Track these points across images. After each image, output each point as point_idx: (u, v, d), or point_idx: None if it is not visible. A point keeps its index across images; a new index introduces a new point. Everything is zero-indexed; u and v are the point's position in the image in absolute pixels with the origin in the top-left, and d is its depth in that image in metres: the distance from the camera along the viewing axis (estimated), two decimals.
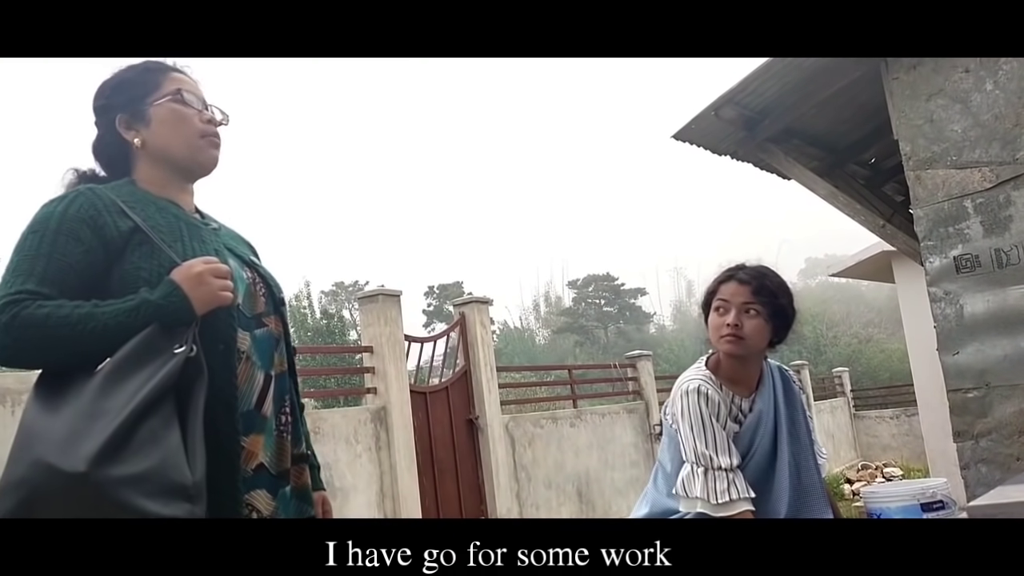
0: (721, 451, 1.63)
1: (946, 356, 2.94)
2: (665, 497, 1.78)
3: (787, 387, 1.83)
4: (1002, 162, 2.90)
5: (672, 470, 1.75)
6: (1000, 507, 0.66)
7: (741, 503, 1.60)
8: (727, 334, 1.71)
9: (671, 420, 1.77)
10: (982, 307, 2.91)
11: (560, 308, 35.12)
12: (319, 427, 5.00)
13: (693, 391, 1.69)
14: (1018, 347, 2.83)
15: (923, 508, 1.71)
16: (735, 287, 1.74)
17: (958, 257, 2.99)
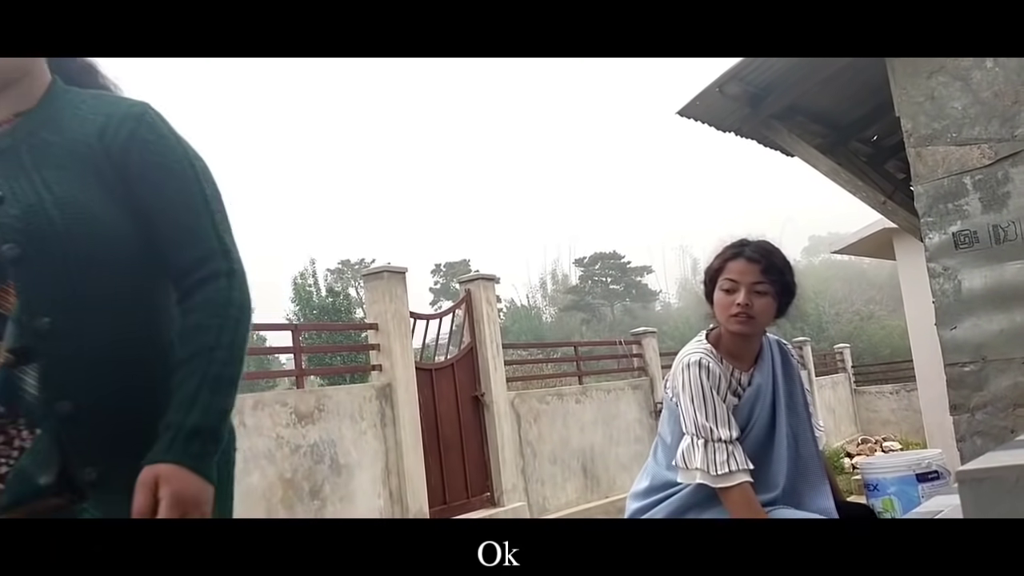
0: (721, 423, 1.67)
1: (944, 331, 2.98)
2: (665, 470, 1.82)
3: (786, 361, 1.86)
4: (1001, 139, 2.93)
5: (672, 443, 1.79)
6: (990, 471, 0.72)
7: (740, 474, 1.64)
8: (738, 314, 1.71)
9: (672, 394, 1.81)
10: (980, 282, 2.95)
11: (567, 286, 35.18)
12: (323, 404, 5.09)
13: (694, 364, 1.73)
14: (1014, 322, 2.88)
15: (919, 478, 1.77)
16: (744, 265, 1.74)
17: (957, 233, 3.02)
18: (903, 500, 1.68)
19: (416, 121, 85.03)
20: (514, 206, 73.34)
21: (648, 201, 73.48)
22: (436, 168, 78.95)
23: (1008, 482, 0.71)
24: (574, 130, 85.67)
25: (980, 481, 0.73)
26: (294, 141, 77.48)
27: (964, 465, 0.70)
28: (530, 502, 6.70)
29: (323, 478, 5.00)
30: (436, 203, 74.91)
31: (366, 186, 75.67)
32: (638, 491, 1.88)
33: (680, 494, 1.76)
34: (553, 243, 66.19)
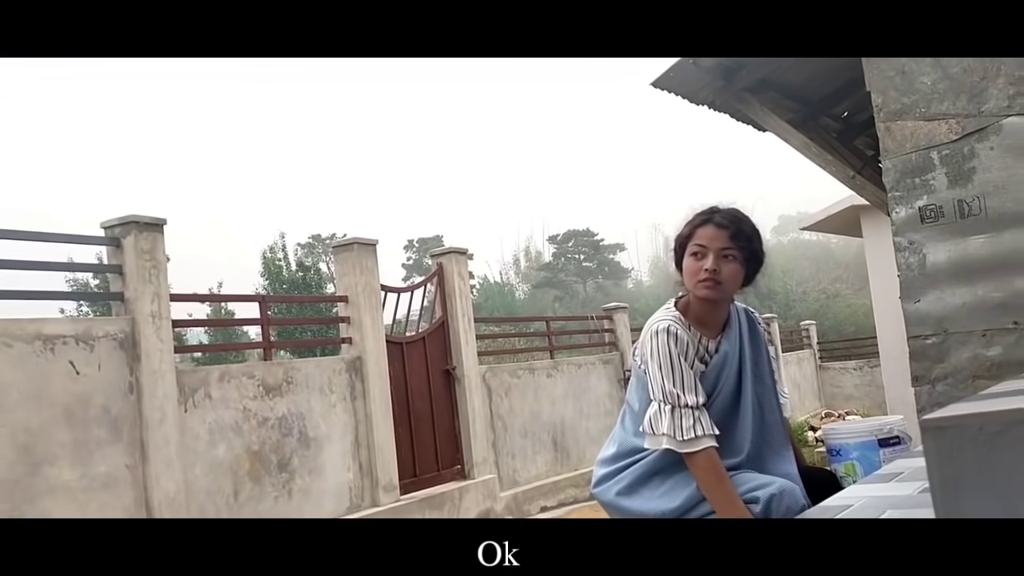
0: (688, 390, 1.68)
1: (908, 304, 3.02)
2: (632, 436, 1.83)
3: (752, 329, 1.87)
4: (968, 114, 2.95)
5: (640, 410, 1.79)
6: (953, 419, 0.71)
7: (705, 439, 1.65)
8: (706, 279, 1.71)
9: (640, 361, 1.81)
10: (944, 256, 2.98)
11: (540, 263, 35.24)
12: (292, 377, 5.04)
13: (663, 331, 1.73)
14: (976, 295, 2.93)
15: (880, 443, 1.80)
16: (713, 231, 1.74)
17: (923, 207, 3.06)
18: (865, 465, 1.71)
19: (391, 97, 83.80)
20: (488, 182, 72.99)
21: (621, 179, 73.62)
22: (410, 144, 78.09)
23: (971, 430, 0.71)
24: (548, 106, 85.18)
25: (943, 430, 0.72)
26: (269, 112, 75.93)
27: (927, 415, 0.69)
28: (500, 475, 6.74)
29: (291, 451, 4.97)
30: (409, 178, 74.20)
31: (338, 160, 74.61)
32: (605, 457, 1.89)
33: (646, 460, 1.77)
34: (527, 220, 66.17)
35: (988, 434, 0.70)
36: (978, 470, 0.70)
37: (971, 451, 0.71)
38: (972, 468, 0.70)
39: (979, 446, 0.70)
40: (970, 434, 0.71)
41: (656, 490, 1.74)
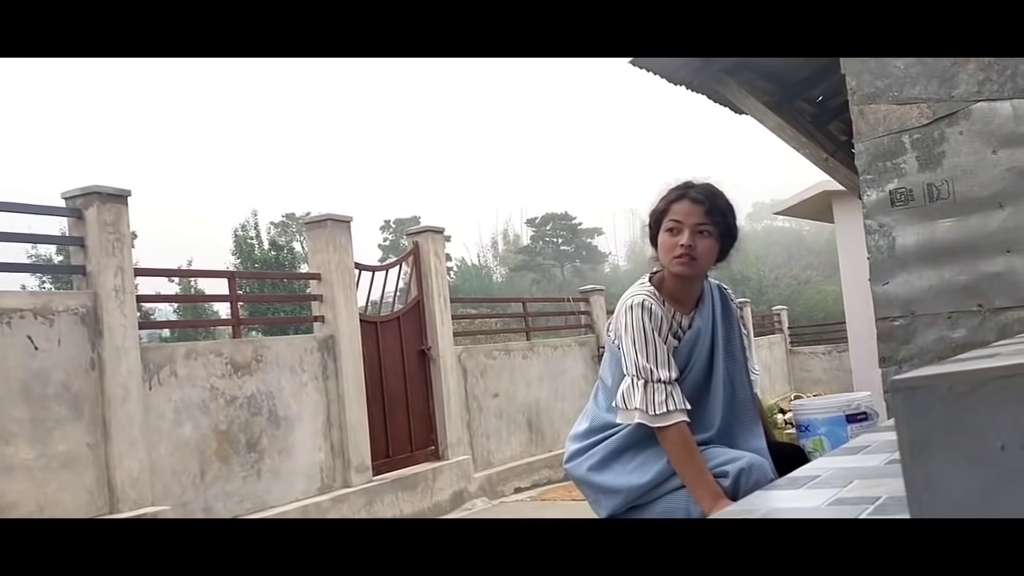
0: (661, 365, 1.68)
1: (876, 286, 3.06)
2: (604, 412, 1.82)
3: (725, 305, 1.87)
4: (939, 99, 2.97)
5: (613, 385, 1.79)
6: (923, 379, 0.71)
7: (677, 414, 1.65)
8: (681, 255, 1.71)
9: (614, 336, 1.80)
10: (912, 239, 3.01)
11: (518, 246, 35.21)
12: (261, 355, 4.96)
13: (637, 306, 1.72)
14: (942, 278, 2.96)
15: (848, 419, 1.82)
16: (688, 207, 1.73)
17: (893, 191, 3.08)
18: (832, 440, 1.73)
19: (370, 77, 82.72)
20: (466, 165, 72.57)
21: (600, 164, 73.73)
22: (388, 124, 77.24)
23: (941, 390, 0.70)
24: (527, 88, 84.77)
25: (913, 390, 0.71)
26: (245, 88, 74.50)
27: (898, 376, 0.68)
28: (475, 455, 6.75)
29: (261, 430, 4.91)
30: (387, 159, 73.49)
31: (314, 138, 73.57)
32: (577, 433, 1.88)
33: (618, 435, 1.77)
34: (505, 203, 65.95)
35: (957, 394, 0.69)
36: (947, 430, 0.69)
37: (940, 411, 0.70)
38: (941, 428, 0.70)
39: (948, 406, 0.69)
40: (940, 394, 0.70)
41: (627, 465, 1.74)
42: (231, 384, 4.76)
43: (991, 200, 2.63)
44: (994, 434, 0.65)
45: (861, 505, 0.96)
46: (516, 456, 7.25)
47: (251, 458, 4.82)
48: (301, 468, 5.14)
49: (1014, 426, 0.65)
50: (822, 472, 1.21)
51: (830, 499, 1.02)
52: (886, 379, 3.02)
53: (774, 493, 1.16)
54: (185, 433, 4.48)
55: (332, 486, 5.34)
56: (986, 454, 0.65)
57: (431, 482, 6.05)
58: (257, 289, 8.38)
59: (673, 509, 1.67)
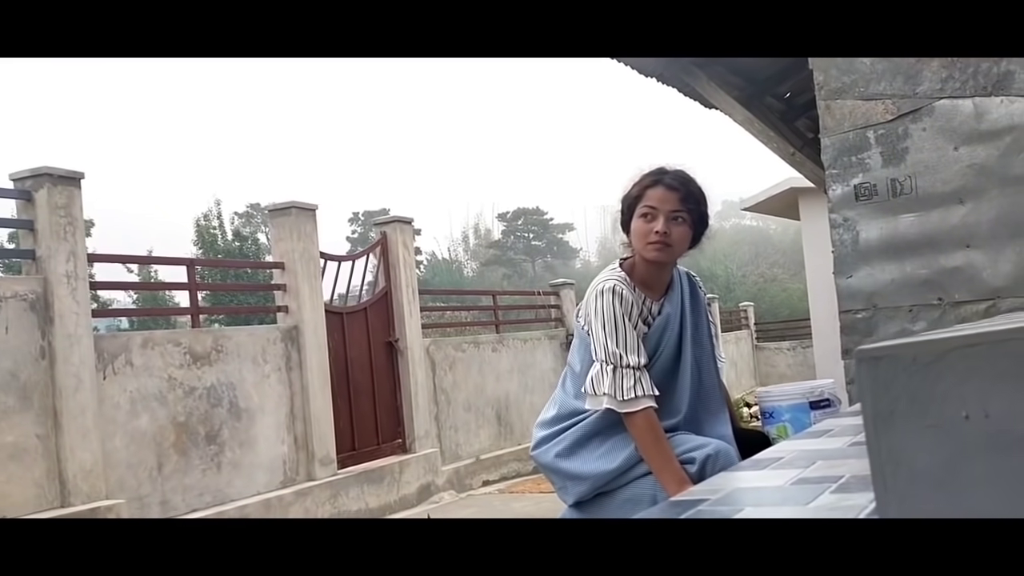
0: (631, 350, 1.67)
1: (840, 279, 3.09)
2: (572, 399, 1.81)
3: (694, 293, 1.88)
4: (904, 95, 3.00)
5: (581, 371, 1.78)
6: (887, 349, 0.69)
7: (645, 400, 1.65)
8: (656, 241, 1.70)
9: (583, 322, 1.79)
10: (876, 233, 3.05)
11: (489, 240, 35.14)
12: (222, 345, 4.85)
13: (608, 291, 1.70)
14: (904, 271, 3.00)
15: (811, 406, 1.83)
16: (663, 193, 1.72)
17: (858, 185, 3.11)
18: (796, 426, 1.74)
19: (341, 67, 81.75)
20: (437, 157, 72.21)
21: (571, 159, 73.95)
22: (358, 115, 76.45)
23: (905, 360, 0.67)
24: (500, 82, 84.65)
25: (878, 360, 0.69)
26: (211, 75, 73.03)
27: (862, 346, 0.66)
28: (443, 448, 6.70)
29: (221, 422, 4.80)
30: (357, 150, 72.78)
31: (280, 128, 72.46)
32: (545, 420, 1.87)
33: (586, 421, 1.76)
34: (476, 197, 65.89)
35: (921, 364, 0.68)
36: (911, 400, 0.68)
37: (905, 381, 0.68)
38: (905, 398, 0.68)
39: (913, 376, 0.68)
40: (904, 364, 0.68)
41: (595, 451, 1.72)
42: (190, 375, 4.64)
43: (952, 196, 2.66)
44: (958, 404, 0.63)
45: (824, 484, 0.95)
46: (485, 449, 7.22)
47: (211, 451, 4.71)
48: (263, 461, 5.04)
49: (978, 395, 0.63)
50: (785, 454, 1.20)
51: (793, 479, 1.01)
52: (848, 371, 3.06)
53: (738, 474, 1.15)
54: (141, 425, 4.35)
55: (296, 479, 5.25)
56: (950, 424, 0.64)
57: (398, 475, 5.99)
58: (219, 278, 8.22)
59: (639, 495, 1.66)
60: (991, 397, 0.63)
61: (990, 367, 0.62)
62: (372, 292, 6.43)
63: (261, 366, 5.10)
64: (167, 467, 4.45)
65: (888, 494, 0.65)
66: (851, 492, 0.91)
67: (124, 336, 4.53)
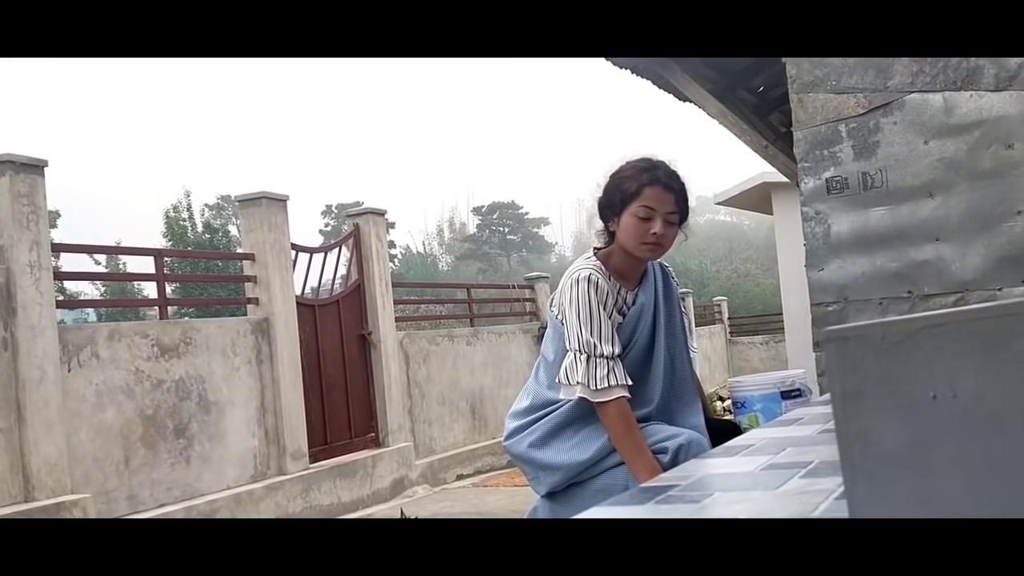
0: (605, 340, 1.66)
1: (812, 272, 3.11)
2: (545, 389, 1.80)
3: (667, 283, 1.88)
4: (875, 89, 3.03)
5: (555, 360, 1.77)
6: (855, 329, 0.68)
7: (618, 389, 1.64)
8: (652, 243, 1.70)
9: (557, 311, 1.77)
10: (847, 227, 3.07)
11: (464, 234, 35.04)
12: (190, 337, 4.76)
13: (583, 280, 1.69)
14: (874, 264, 3.03)
15: (783, 396, 1.84)
16: (661, 194, 1.71)
17: (830, 179, 3.13)
18: (767, 416, 1.75)
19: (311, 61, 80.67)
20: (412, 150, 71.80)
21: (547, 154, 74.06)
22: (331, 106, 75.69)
23: (874, 339, 0.66)
24: (475, 75, 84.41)
25: (846, 340, 0.68)
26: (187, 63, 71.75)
27: (830, 327, 0.65)
28: (416, 442, 6.66)
29: (190, 415, 4.72)
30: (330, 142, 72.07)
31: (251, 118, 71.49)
32: (518, 410, 1.86)
33: (559, 411, 1.75)
34: (451, 190, 65.61)
35: (890, 343, 0.67)
36: (879, 380, 0.67)
37: (873, 360, 0.67)
38: (873, 378, 0.67)
39: (881, 355, 0.67)
40: (872, 343, 0.68)
41: (568, 441, 1.72)
42: (158, 367, 4.55)
43: (922, 189, 2.69)
44: (926, 383, 0.63)
45: (793, 469, 0.95)
46: (459, 443, 7.20)
47: (179, 444, 4.63)
48: (233, 455, 4.97)
49: (946, 375, 0.63)
50: (756, 442, 1.20)
51: (763, 464, 1.00)
52: (819, 363, 3.08)
53: (708, 460, 1.14)
54: (108, 418, 4.26)
55: (266, 473, 5.18)
56: (918, 404, 0.63)
57: (371, 469, 5.94)
58: (189, 270, 8.08)
59: (612, 485, 1.65)
60: (959, 377, 0.62)
61: (958, 346, 0.62)
62: (345, 285, 6.36)
63: (231, 359, 5.03)
64: (134, 461, 4.36)
65: (856, 475, 0.64)
66: (820, 477, 0.90)
67: (90, 328, 4.43)
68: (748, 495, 0.87)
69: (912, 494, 0.62)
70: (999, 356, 0.60)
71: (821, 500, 0.79)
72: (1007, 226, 2.38)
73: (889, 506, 0.63)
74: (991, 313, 0.62)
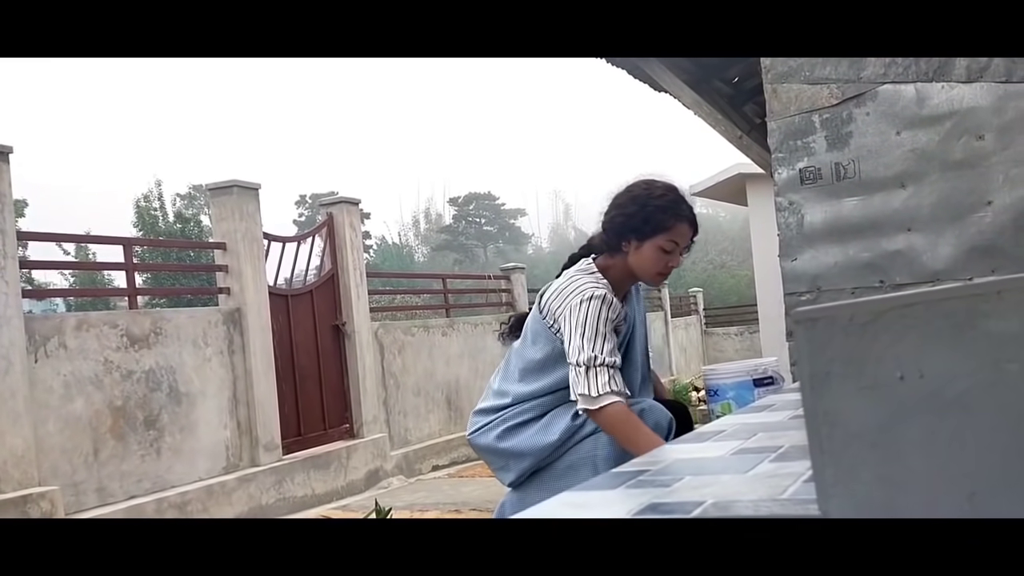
0: (609, 352, 1.66)
1: (785, 262, 3.13)
2: (515, 383, 1.80)
3: (638, 288, 1.94)
4: (848, 80, 3.05)
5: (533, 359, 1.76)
6: (824, 310, 0.68)
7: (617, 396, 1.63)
8: (666, 274, 1.75)
9: (551, 321, 1.74)
10: (820, 217, 3.10)
11: (440, 225, 34.90)
12: (161, 327, 4.68)
13: (598, 298, 1.68)
14: (847, 254, 3.06)
15: (755, 383, 1.85)
16: (687, 230, 1.76)
17: (803, 169, 3.15)
18: (740, 403, 1.77)
19: None
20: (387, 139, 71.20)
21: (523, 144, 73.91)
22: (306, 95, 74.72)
23: (842, 320, 0.66)
24: (450, 64, 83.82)
25: (815, 320, 0.67)
26: None
27: (799, 309, 0.64)
28: (391, 433, 6.63)
29: (160, 407, 4.64)
30: (304, 131, 71.18)
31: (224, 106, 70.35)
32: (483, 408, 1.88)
33: (526, 406, 1.76)
34: (427, 180, 65.20)
35: (858, 324, 0.67)
36: (847, 361, 0.67)
37: (841, 341, 0.67)
38: (841, 359, 0.67)
39: (849, 336, 0.67)
40: (841, 324, 0.67)
41: (532, 428, 1.72)
42: (127, 358, 4.47)
43: (894, 180, 2.71)
44: (893, 364, 0.62)
45: (763, 453, 0.95)
46: (434, 434, 7.18)
47: (150, 436, 4.55)
48: (205, 446, 4.90)
49: (914, 355, 0.62)
50: (727, 428, 1.20)
51: (734, 449, 1.01)
52: (792, 352, 3.11)
53: (680, 446, 1.14)
54: (76, 409, 4.18)
55: (239, 465, 5.12)
56: (885, 385, 0.63)
57: (345, 461, 5.90)
58: (160, 259, 7.93)
59: (577, 461, 1.66)
60: (926, 357, 0.62)
61: (925, 326, 0.62)
62: (319, 275, 6.29)
63: (202, 349, 4.95)
64: (103, 453, 4.28)
65: (824, 456, 0.64)
66: (790, 461, 0.90)
67: (57, 318, 4.32)
68: (718, 479, 0.87)
69: (879, 474, 0.61)
70: (966, 337, 0.60)
71: (790, 483, 0.79)
72: (977, 216, 2.42)
73: (857, 487, 0.63)
74: (958, 293, 0.62)
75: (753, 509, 0.70)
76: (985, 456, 0.58)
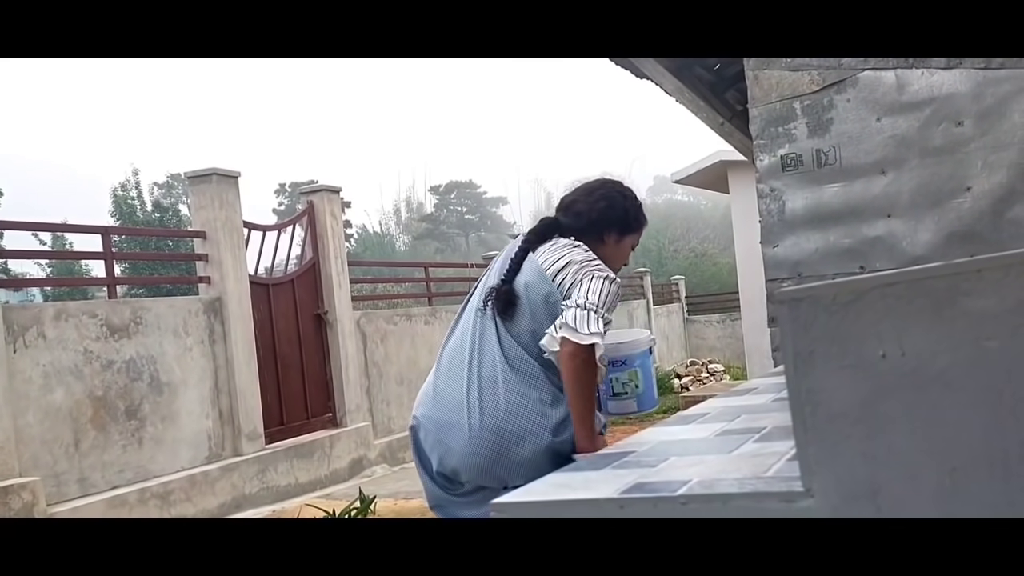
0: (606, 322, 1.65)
1: (767, 248, 3.15)
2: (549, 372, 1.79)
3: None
4: (829, 67, 3.07)
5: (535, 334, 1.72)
6: (808, 290, 0.69)
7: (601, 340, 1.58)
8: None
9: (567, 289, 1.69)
10: (801, 203, 3.12)
11: (421, 214, 34.72)
12: (141, 317, 4.63)
13: (616, 283, 1.69)
14: (828, 240, 3.09)
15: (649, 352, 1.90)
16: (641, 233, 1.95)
17: (784, 156, 3.17)
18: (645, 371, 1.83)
19: None
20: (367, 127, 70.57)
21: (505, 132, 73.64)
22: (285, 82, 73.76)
23: (825, 299, 0.66)
24: None
25: (799, 301, 0.67)
26: None
27: (783, 289, 0.64)
28: (375, 422, 6.62)
29: (141, 396, 4.59)
30: (283, 119, 70.33)
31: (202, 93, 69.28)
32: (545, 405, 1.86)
33: None
34: (408, 169, 64.71)
35: (841, 303, 0.67)
36: (831, 340, 0.67)
37: (824, 321, 0.68)
38: (825, 338, 0.68)
39: (832, 315, 0.67)
40: (824, 303, 0.68)
41: None
42: (107, 347, 4.41)
43: (874, 166, 2.74)
44: (876, 343, 0.63)
45: (747, 434, 0.96)
46: None
47: (131, 426, 4.51)
48: (187, 436, 4.87)
49: (895, 334, 0.63)
50: (712, 410, 1.21)
51: (718, 431, 1.02)
52: (775, 338, 3.14)
53: (666, 428, 1.15)
54: (56, 399, 4.12)
55: (221, 455, 5.09)
56: (867, 363, 0.64)
57: (328, 450, 5.89)
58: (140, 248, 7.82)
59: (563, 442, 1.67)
60: (907, 335, 0.63)
61: (907, 306, 0.62)
62: (299, 264, 6.24)
63: (183, 338, 4.90)
64: (84, 443, 4.24)
65: (807, 434, 0.65)
66: (773, 441, 0.92)
67: (35, 308, 4.26)
68: (703, 459, 0.88)
69: (862, 451, 0.62)
70: (947, 315, 0.61)
71: (774, 461, 0.80)
72: (956, 202, 2.45)
73: (839, 463, 0.64)
74: (939, 272, 0.62)
75: (738, 487, 0.71)
76: (966, 432, 0.59)
